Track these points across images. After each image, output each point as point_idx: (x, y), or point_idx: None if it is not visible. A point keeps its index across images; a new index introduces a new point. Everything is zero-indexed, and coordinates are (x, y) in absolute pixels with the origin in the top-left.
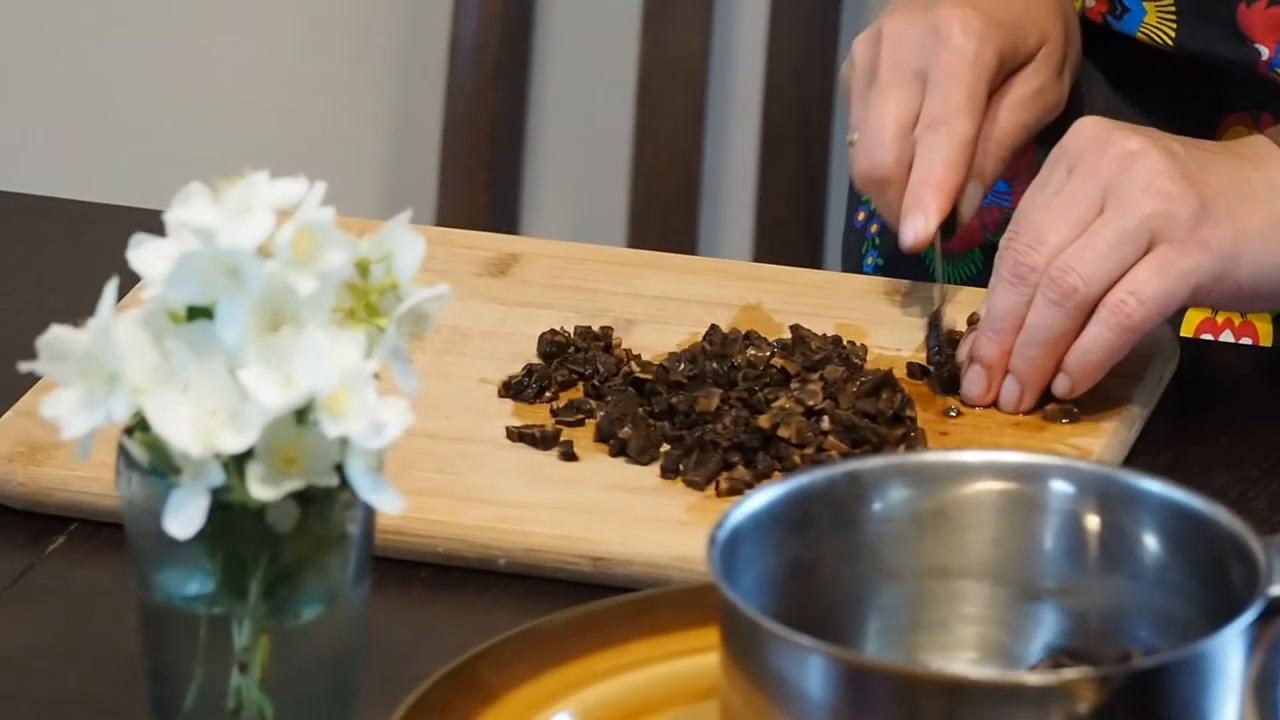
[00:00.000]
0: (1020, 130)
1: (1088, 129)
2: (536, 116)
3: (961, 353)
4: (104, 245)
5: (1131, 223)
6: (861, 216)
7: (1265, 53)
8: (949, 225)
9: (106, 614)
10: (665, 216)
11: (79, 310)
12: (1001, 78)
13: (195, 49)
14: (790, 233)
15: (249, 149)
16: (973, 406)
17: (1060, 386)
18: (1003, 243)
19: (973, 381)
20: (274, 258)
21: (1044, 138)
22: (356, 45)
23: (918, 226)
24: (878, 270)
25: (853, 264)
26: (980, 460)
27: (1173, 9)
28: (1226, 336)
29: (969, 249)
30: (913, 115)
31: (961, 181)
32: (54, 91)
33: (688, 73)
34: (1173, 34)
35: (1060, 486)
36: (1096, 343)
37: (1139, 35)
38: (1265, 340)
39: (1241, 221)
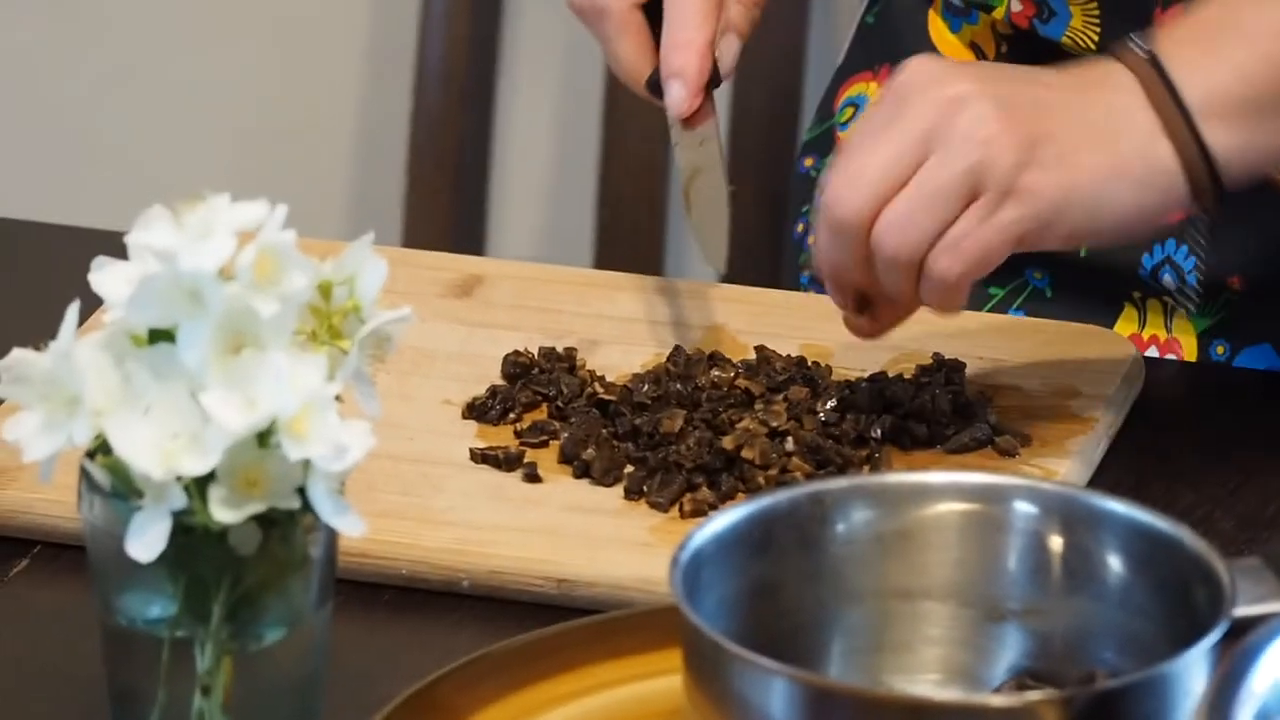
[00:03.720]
0: (747, 20)
1: (919, 68)
2: (502, 137)
3: None
4: (63, 267)
5: (950, 176)
6: (800, 229)
7: None
8: (712, 83)
9: (69, 637)
10: (632, 237)
11: (40, 333)
12: None
13: (159, 71)
14: (756, 253)
15: (213, 171)
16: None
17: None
18: (826, 176)
19: (846, 322)
20: (235, 280)
21: None
22: (321, 67)
23: (678, 94)
24: (812, 284)
25: (792, 280)
26: (943, 481)
27: (1097, 13)
28: (1151, 353)
29: None
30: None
31: (710, 36)
32: (11, 112)
33: None
34: (1096, 38)
35: (1024, 507)
36: (931, 299)
37: (1064, 40)
38: (1189, 356)
39: (1073, 165)
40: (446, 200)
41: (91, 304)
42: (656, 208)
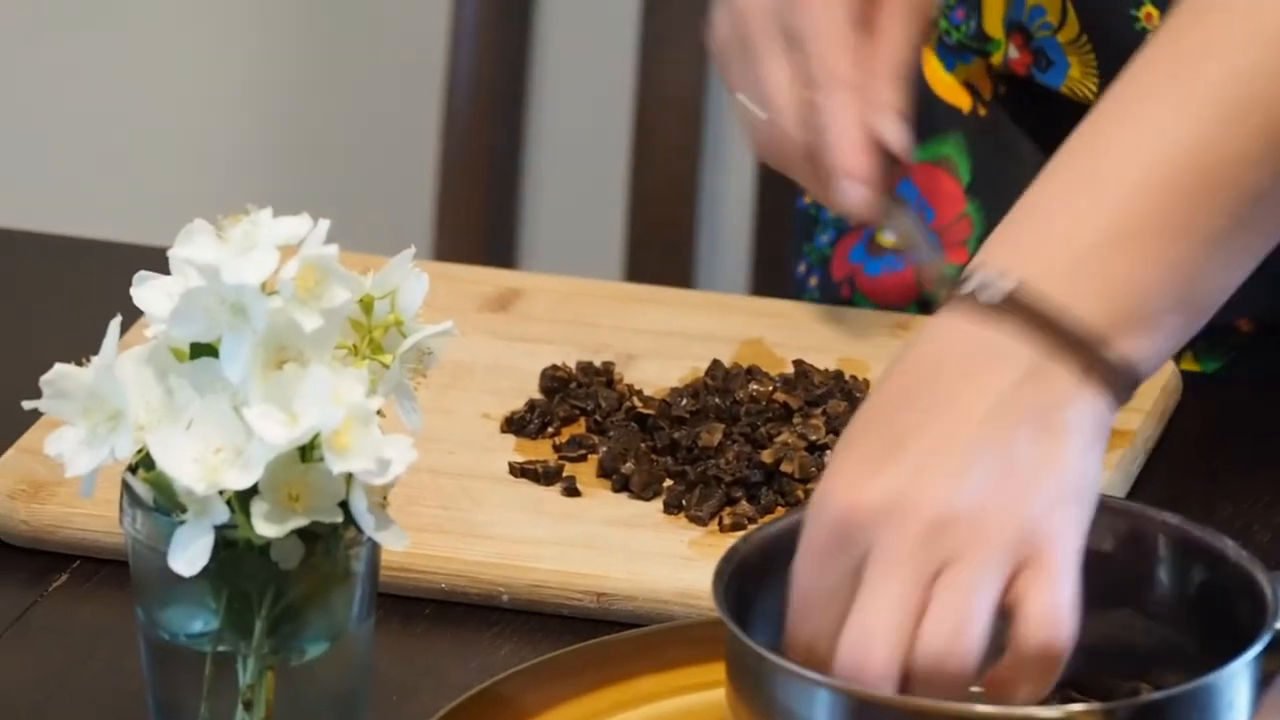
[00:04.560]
0: (908, 45)
1: (829, 499)
2: (533, 151)
3: None
4: (99, 281)
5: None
6: (802, 269)
7: None
8: (894, 170)
9: (109, 651)
10: (662, 250)
11: (75, 346)
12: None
13: (187, 84)
14: (787, 266)
15: (242, 184)
16: None
17: None
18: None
19: None
20: (278, 294)
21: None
22: (351, 79)
23: (852, 191)
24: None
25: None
26: None
27: (1095, 64)
28: None
29: (904, 305)
30: (799, 78)
31: (866, 133)
32: (45, 126)
33: (684, 107)
34: (1095, 89)
35: None
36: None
37: (1063, 89)
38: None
39: (1046, 521)
40: (477, 214)
41: (127, 317)
42: (687, 220)
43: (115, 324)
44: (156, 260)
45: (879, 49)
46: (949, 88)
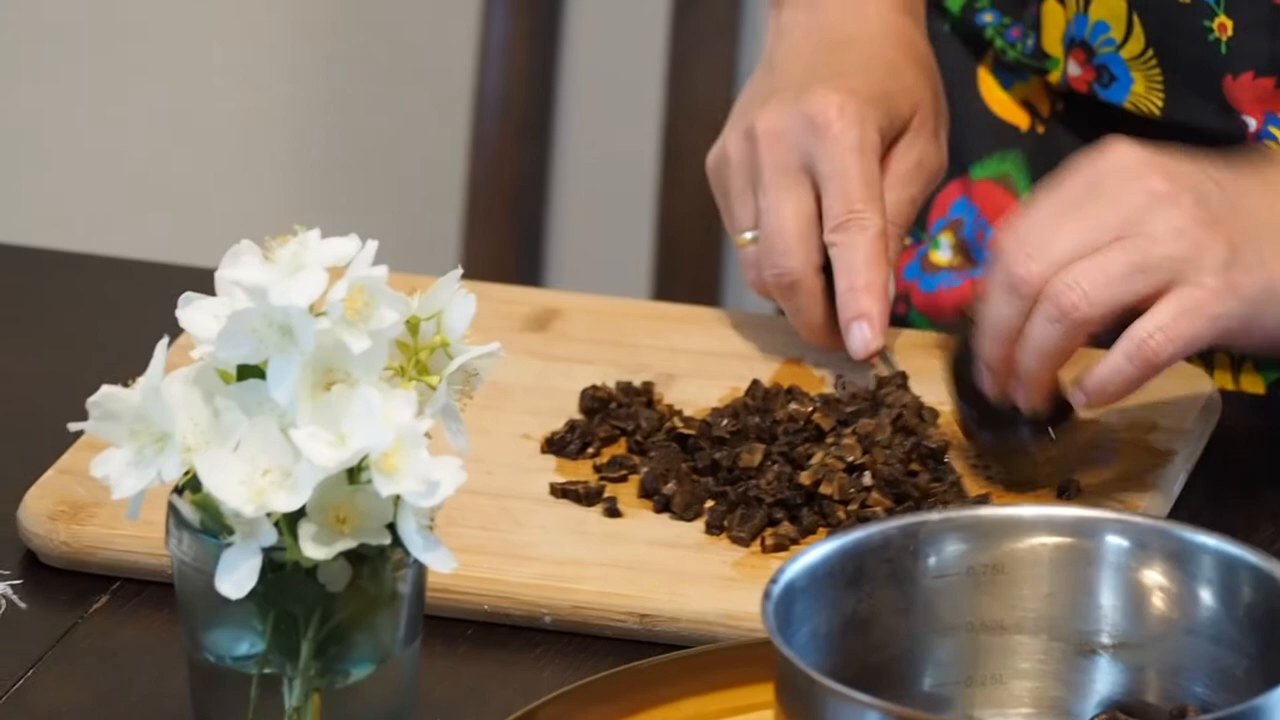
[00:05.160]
0: (909, 205)
1: (1120, 154)
2: (561, 170)
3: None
4: (131, 302)
5: (1152, 258)
6: None
7: (1253, 124)
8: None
9: (151, 673)
10: (690, 269)
11: (109, 365)
12: (882, 154)
13: (215, 105)
14: None
15: (272, 204)
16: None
17: (1077, 400)
18: (999, 242)
19: (986, 383)
20: (326, 316)
21: None
22: (380, 99)
23: (865, 335)
24: None
25: None
26: (1035, 514)
27: (1160, 79)
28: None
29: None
30: (810, 213)
31: (888, 277)
32: (80, 146)
33: (712, 125)
34: (1161, 104)
35: (1115, 541)
36: (1117, 375)
37: (1126, 105)
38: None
39: (1272, 268)
40: (506, 233)
41: (153, 336)
42: (714, 239)
43: (163, 345)
44: (187, 280)
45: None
46: (1006, 106)
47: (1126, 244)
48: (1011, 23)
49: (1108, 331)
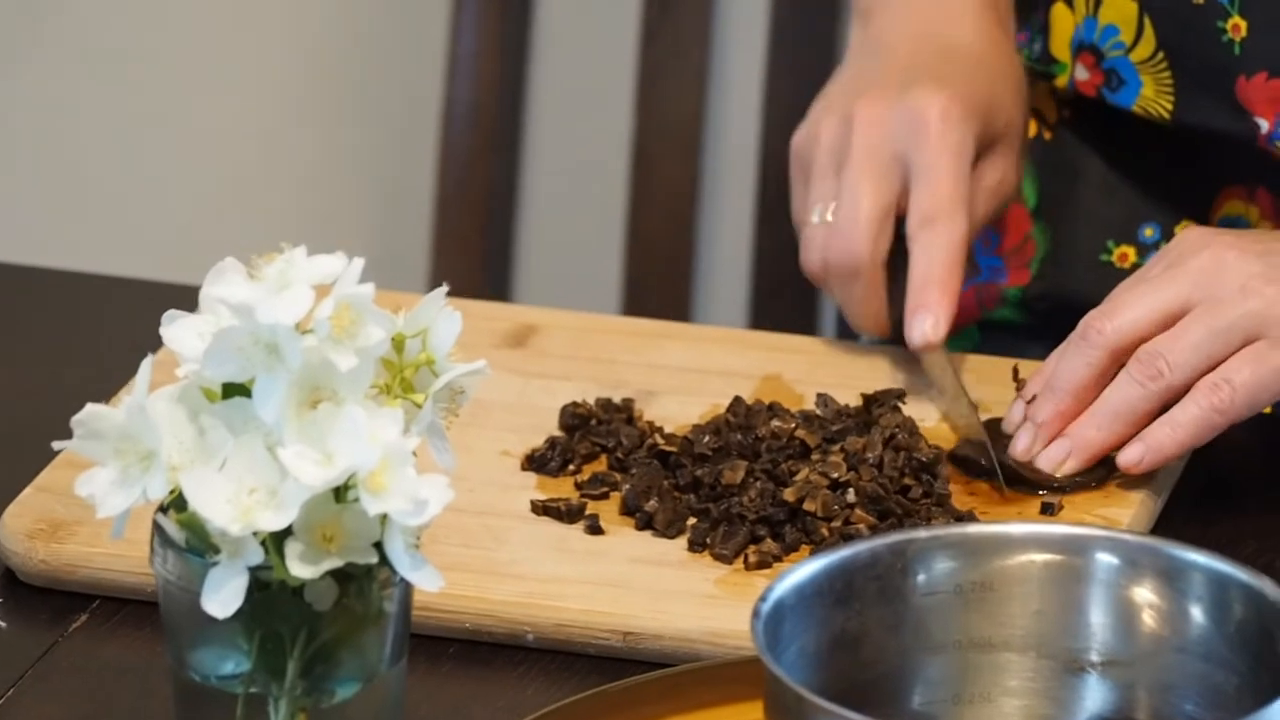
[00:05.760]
0: (983, 222)
1: (1190, 235)
2: (531, 182)
3: (1014, 417)
4: (112, 318)
5: (1225, 320)
6: None
7: (1265, 126)
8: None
9: (134, 692)
10: (660, 284)
11: (87, 382)
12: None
13: (180, 118)
14: (786, 300)
15: (237, 218)
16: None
17: (1130, 455)
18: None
19: (1022, 439)
20: (312, 334)
21: None
22: (348, 111)
23: (926, 328)
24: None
25: (849, 337)
26: (1024, 532)
27: (1170, 82)
28: None
29: (964, 326)
30: (889, 205)
31: (962, 281)
32: (52, 162)
33: (682, 139)
34: (1170, 107)
35: (1105, 558)
36: (1186, 418)
37: (1135, 109)
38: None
39: None
40: (476, 248)
41: (134, 352)
42: (685, 253)
43: (148, 363)
44: (150, 294)
45: None
46: None
47: (1201, 310)
48: (1019, 28)
49: None
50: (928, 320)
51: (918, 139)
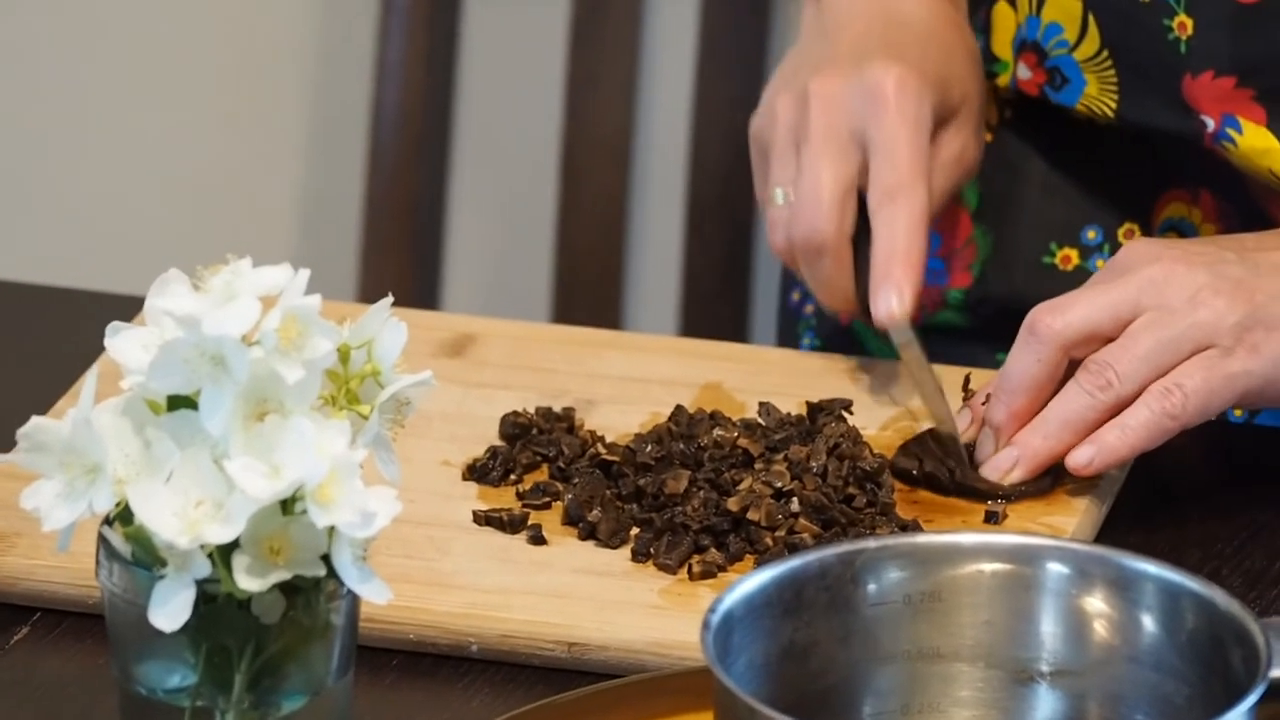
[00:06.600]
0: (944, 195)
1: (1139, 246)
2: (459, 191)
3: (960, 425)
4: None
5: (1174, 330)
6: (796, 296)
7: (1211, 124)
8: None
9: (77, 705)
10: (590, 292)
11: (24, 395)
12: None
13: (103, 123)
14: (716, 308)
15: (162, 225)
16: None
17: (1080, 457)
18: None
19: (984, 445)
20: (259, 345)
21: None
22: (273, 119)
23: (892, 303)
24: (814, 350)
25: (789, 344)
26: (974, 542)
27: (1115, 80)
28: None
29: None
30: (850, 180)
31: (926, 252)
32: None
33: (611, 148)
34: (1115, 105)
35: (1056, 568)
36: (1137, 422)
37: (1079, 107)
38: None
39: None
40: (404, 256)
41: (79, 366)
42: (614, 262)
43: (92, 375)
44: (73, 302)
45: None
46: None
47: (1150, 318)
48: None
49: None
50: (893, 295)
51: (875, 112)
